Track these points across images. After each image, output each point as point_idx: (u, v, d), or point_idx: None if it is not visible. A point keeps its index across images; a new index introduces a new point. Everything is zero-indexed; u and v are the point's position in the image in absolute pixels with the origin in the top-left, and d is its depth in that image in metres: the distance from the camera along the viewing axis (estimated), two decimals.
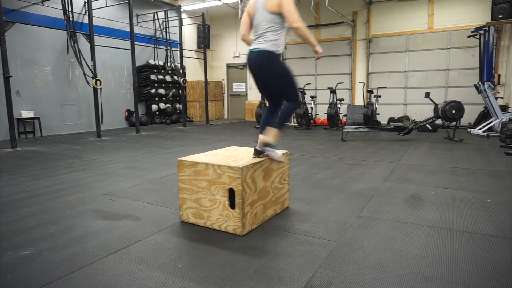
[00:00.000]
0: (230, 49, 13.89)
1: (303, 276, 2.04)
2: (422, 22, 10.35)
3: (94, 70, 8.40)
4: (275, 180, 3.02)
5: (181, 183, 2.89)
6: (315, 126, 10.98)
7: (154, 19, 11.97)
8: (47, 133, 9.02)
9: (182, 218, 2.94)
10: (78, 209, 3.28)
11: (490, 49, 8.24)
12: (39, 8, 8.68)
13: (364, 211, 3.13)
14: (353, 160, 5.44)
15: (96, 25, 9.02)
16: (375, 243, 2.47)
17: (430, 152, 6.05)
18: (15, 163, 5.49)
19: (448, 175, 4.41)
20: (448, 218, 2.94)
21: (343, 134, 7.85)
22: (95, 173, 4.72)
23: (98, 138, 8.37)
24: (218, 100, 14.10)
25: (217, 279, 2.02)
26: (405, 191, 3.75)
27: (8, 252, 2.39)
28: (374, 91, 10.10)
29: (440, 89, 10.25)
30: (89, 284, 1.98)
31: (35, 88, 8.75)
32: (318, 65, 12.05)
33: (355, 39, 11.33)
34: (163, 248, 2.44)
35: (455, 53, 10.04)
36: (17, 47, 8.27)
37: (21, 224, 2.91)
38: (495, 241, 2.47)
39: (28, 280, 2.03)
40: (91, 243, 2.52)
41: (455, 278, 1.99)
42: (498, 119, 7.66)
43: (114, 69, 10.69)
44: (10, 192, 3.86)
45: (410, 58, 10.64)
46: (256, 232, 2.69)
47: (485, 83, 7.92)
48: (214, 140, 7.82)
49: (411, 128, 7.60)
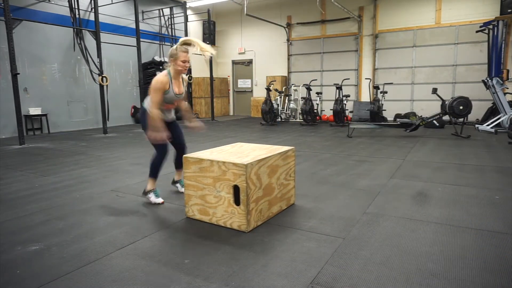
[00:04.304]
0: (235, 45, 13.87)
1: (309, 273, 2.04)
2: (430, 17, 10.24)
3: (100, 67, 8.44)
4: (280, 176, 3.02)
5: (186, 180, 2.90)
6: (321, 122, 10.94)
7: (159, 16, 11.98)
8: (55, 130, 9.10)
9: (188, 214, 2.95)
10: (86, 205, 3.31)
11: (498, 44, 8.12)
12: (45, 5, 8.73)
13: (371, 208, 3.12)
14: (360, 157, 5.42)
15: (102, 22, 9.06)
16: (381, 240, 2.46)
17: (437, 149, 6.01)
18: (24, 159, 5.55)
19: (456, 172, 4.37)
20: (456, 215, 2.92)
21: (349, 131, 7.81)
22: (102, 170, 4.76)
23: (104, 134, 8.43)
24: (224, 96, 14.10)
25: (223, 275, 2.03)
26: (412, 187, 3.73)
27: (17, 247, 2.43)
28: (380, 87, 10.03)
29: (447, 85, 10.15)
30: (96, 279, 2.00)
31: (43, 85, 8.82)
32: (324, 61, 11.99)
33: (361, 35, 11.24)
34: (170, 244, 2.46)
35: (463, 48, 9.93)
36: (25, 45, 8.33)
37: (30, 219, 2.95)
38: (503, 238, 2.45)
39: (37, 275, 2.06)
40: (99, 239, 2.54)
41: (462, 275, 1.98)
42: (506, 115, 7.57)
43: (120, 66, 10.73)
44: (19, 188, 3.91)
45: (417, 54, 10.54)
46: (261, 229, 2.70)
47: (494, 79, 7.82)
48: (219, 137, 7.83)
49: (418, 124, 7.54)
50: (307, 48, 12.22)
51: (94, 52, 8.80)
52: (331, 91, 11.58)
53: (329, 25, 11.78)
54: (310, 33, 12.17)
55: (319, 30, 11.98)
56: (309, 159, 5.28)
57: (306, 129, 9.31)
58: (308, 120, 10.13)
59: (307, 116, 10.08)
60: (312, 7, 11.54)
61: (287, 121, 11.38)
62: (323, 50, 11.97)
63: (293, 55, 12.56)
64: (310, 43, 12.16)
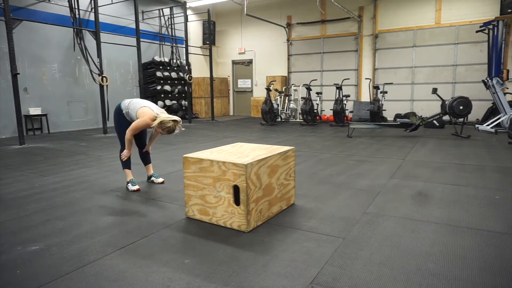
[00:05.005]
0: (235, 45, 13.87)
1: (309, 273, 2.04)
2: (430, 17, 10.24)
3: (100, 67, 8.44)
4: (280, 176, 3.02)
5: (186, 180, 2.90)
6: (321, 122, 10.94)
7: (159, 16, 11.97)
8: (55, 129, 9.10)
9: (188, 214, 2.95)
10: (86, 205, 3.31)
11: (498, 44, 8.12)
12: (45, 5, 8.72)
13: (371, 208, 3.12)
14: (360, 157, 5.42)
15: (102, 22, 9.06)
16: (381, 240, 2.46)
17: (437, 149, 6.00)
18: (24, 159, 5.55)
19: (456, 172, 4.37)
20: (456, 215, 2.92)
21: (349, 131, 7.81)
22: (102, 170, 4.76)
23: (104, 134, 8.43)
24: (224, 96, 14.09)
25: (223, 275, 2.03)
26: (412, 187, 3.73)
27: (17, 247, 2.42)
28: (380, 87, 10.03)
29: (447, 85, 10.15)
30: (96, 279, 2.00)
31: (43, 85, 8.82)
32: (324, 61, 12.00)
33: (361, 35, 11.24)
34: (170, 244, 2.46)
35: (463, 48, 9.92)
36: (25, 45, 8.33)
37: (30, 219, 2.95)
38: (503, 238, 2.45)
39: (37, 275, 2.06)
40: (99, 239, 2.54)
41: (462, 275, 1.98)
42: (506, 115, 7.57)
43: (120, 66, 10.73)
44: (19, 188, 3.91)
45: (417, 54, 10.54)
46: (261, 229, 2.70)
47: (494, 79, 7.82)
48: (219, 137, 7.83)
49: (418, 125, 7.54)
50: (307, 48, 12.22)
51: (94, 52, 8.80)
52: (331, 91, 11.58)
53: (329, 25, 11.78)
54: (310, 33, 12.17)
55: (319, 30, 11.98)
56: (309, 159, 5.28)
57: (306, 129, 9.31)
58: (308, 120, 10.12)
59: (307, 116, 10.08)
60: (312, 7, 11.54)
61: (287, 121, 11.38)
62: (323, 50, 11.97)
63: (293, 55, 12.56)
64: (310, 43, 12.16)
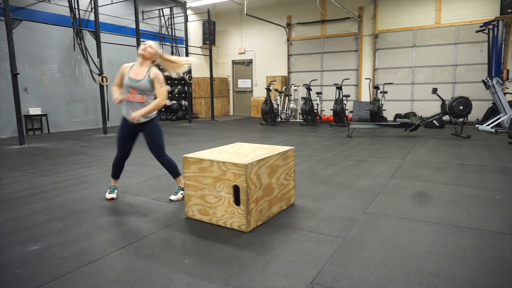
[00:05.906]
0: (235, 45, 13.87)
1: (309, 273, 2.04)
2: (430, 17, 10.24)
3: (100, 67, 8.44)
4: (280, 176, 3.02)
5: (186, 180, 2.90)
6: (321, 122, 10.93)
7: (159, 16, 11.98)
8: (55, 129, 9.10)
9: (188, 214, 2.95)
10: (86, 205, 3.31)
11: (499, 44, 8.12)
12: (45, 5, 8.72)
13: (371, 208, 3.12)
14: (359, 157, 5.41)
15: (102, 22, 9.05)
16: (381, 240, 2.46)
17: (437, 149, 6.00)
18: (24, 159, 5.55)
19: (456, 172, 4.37)
20: (456, 215, 2.92)
21: (349, 131, 7.81)
22: (102, 170, 4.75)
23: (104, 134, 8.42)
24: (224, 96, 14.09)
25: (223, 275, 2.03)
26: (412, 187, 3.73)
27: (17, 247, 2.42)
28: (380, 87, 10.03)
29: (447, 85, 10.14)
30: (96, 279, 1.99)
31: (43, 85, 8.82)
32: (324, 61, 11.99)
33: (361, 35, 11.24)
34: (170, 244, 2.46)
35: (463, 48, 9.92)
36: (25, 45, 8.32)
37: (30, 219, 2.95)
38: (503, 238, 2.45)
39: (37, 274, 2.06)
40: (99, 239, 2.54)
41: (462, 275, 1.98)
42: (506, 115, 7.57)
43: (120, 66, 10.67)
44: (19, 188, 3.91)
45: (417, 54, 10.53)
46: (261, 229, 2.70)
47: (494, 79, 7.82)
48: (219, 137, 7.83)
49: (418, 125, 7.54)
50: (307, 48, 12.21)
51: (94, 52, 8.79)
52: (331, 91, 11.57)
53: (329, 25, 11.77)
54: (310, 33, 12.17)
55: (319, 30, 11.98)
56: (309, 159, 5.28)
57: (306, 129, 9.31)
58: (308, 120, 10.12)
59: (307, 116, 10.08)
60: (312, 7, 11.54)
61: (287, 121, 11.38)
62: (323, 50, 11.96)
63: (293, 55, 12.56)
64: (310, 43, 12.16)
